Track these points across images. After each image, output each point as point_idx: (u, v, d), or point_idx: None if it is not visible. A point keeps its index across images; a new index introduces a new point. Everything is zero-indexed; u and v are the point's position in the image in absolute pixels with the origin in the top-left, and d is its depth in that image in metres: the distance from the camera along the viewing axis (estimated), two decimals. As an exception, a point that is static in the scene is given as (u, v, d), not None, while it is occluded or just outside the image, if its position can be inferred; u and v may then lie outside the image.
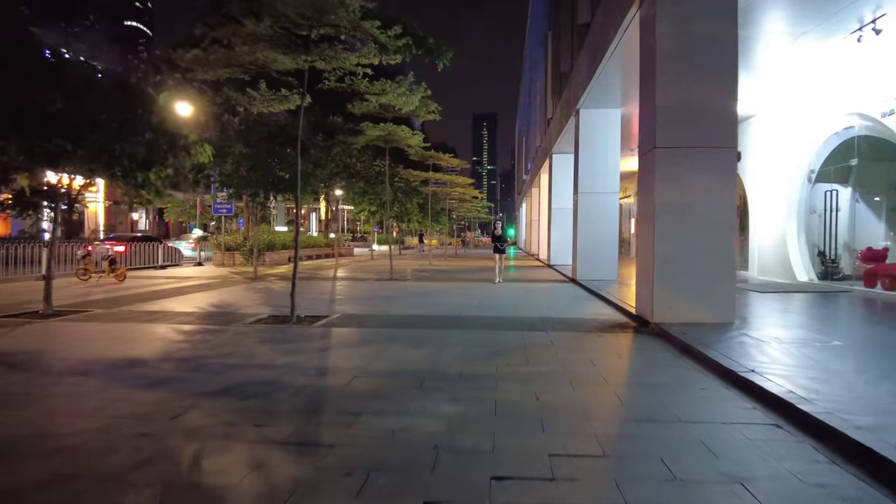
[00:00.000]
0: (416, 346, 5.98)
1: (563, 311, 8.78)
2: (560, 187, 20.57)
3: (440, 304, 9.41)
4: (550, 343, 6.12)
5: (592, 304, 9.62)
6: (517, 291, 11.76)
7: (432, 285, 13.03)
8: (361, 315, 8.18)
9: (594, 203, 13.79)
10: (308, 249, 27.72)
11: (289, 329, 7.06)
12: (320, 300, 9.99)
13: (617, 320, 7.83)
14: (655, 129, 7.07)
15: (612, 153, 13.88)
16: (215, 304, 9.53)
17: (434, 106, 14.07)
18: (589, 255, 13.77)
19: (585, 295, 11.11)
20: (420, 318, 7.93)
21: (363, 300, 10.08)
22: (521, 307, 9.08)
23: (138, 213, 52.35)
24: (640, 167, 7.76)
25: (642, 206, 7.70)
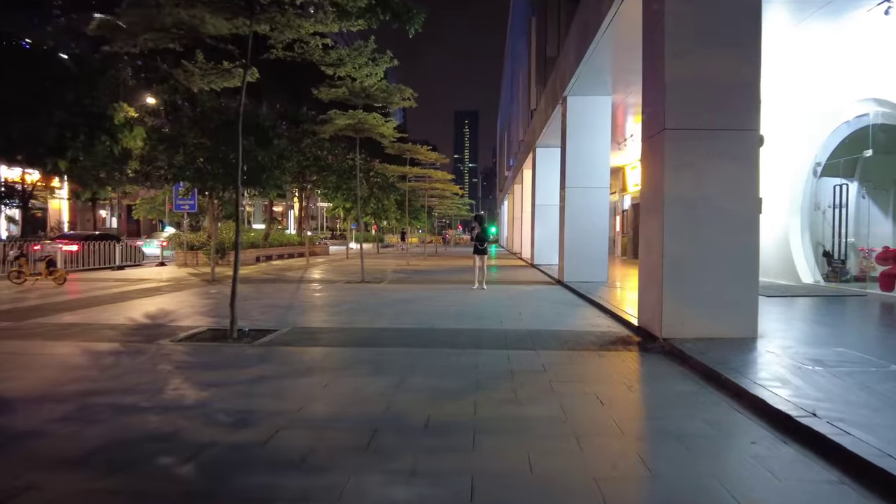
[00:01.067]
0: (376, 373, 4.76)
1: (554, 321, 7.63)
2: (544, 183, 19.50)
3: (412, 313, 8.20)
4: (542, 367, 4.95)
5: (585, 312, 8.51)
6: (500, 296, 10.60)
7: (407, 289, 11.81)
8: (317, 329, 6.92)
9: (582, 198, 12.70)
10: (279, 248, 26.24)
11: (222, 348, 5.79)
12: (275, 308, 8.71)
13: (616, 333, 6.70)
14: (664, 107, 5.94)
15: (601, 144, 12.80)
16: (152, 313, 8.19)
17: (409, 92, 12.86)
18: (577, 255, 12.67)
19: (575, 300, 10.00)
20: (386, 332, 6.71)
21: (325, 308, 8.82)
22: (505, 316, 7.91)
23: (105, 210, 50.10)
24: (645, 153, 6.65)
25: (647, 199, 6.58)
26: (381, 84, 12.75)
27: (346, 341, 6.15)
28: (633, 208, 24.98)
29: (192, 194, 17.37)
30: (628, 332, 6.73)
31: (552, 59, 15.14)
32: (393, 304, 9.17)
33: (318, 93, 12.94)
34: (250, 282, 13.52)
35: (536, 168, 19.66)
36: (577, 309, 8.87)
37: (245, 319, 7.48)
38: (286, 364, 5.13)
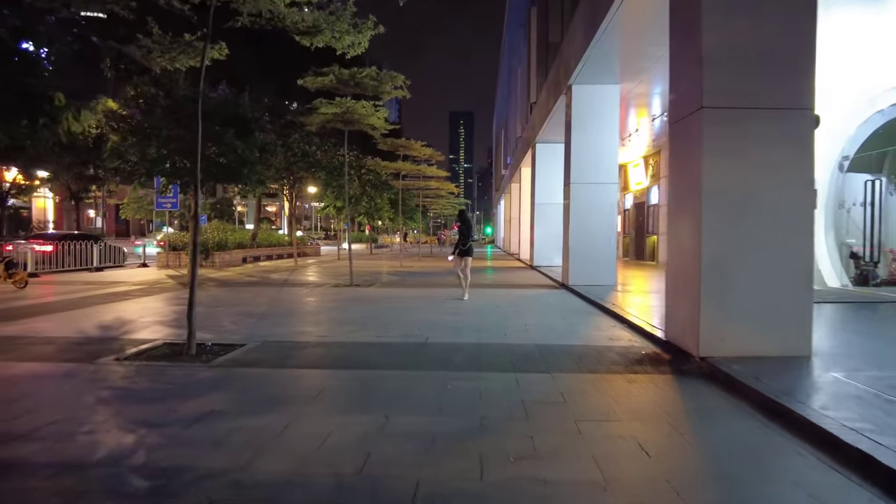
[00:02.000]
0: (352, 409, 3.78)
1: (565, 333, 6.66)
2: (544, 180, 18.58)
3: (403, 323, 7.21)
4: (561, 397, 3.98)
5: (599, 322, 7.55)
6: (501, 301, 9.64)
7: (398, 293, 10.82)
8: (291, 343, 5.93)
9: (589, 195, 11.75)
10: (268, 249, 25.18)
11: (172, 370, 4.79)
12: (250, 317, 7.71)
13: (641, 349, 5.74)
14: (702, 82, 5.00)
15: (609, 137, 11.86)
16: (107, 323, 7.18)
17: (401, 79, 11.90)
18: (583, 256, 11.72)
19: (585, 307, 9.04)
20: (372, 347, 5.72)
21: (305, 317, 7.83)
22: (508, 327, 6.93)
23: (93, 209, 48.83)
24: (676, 138, 5.70)
25: (678, 193, 5.64)
26: (371, 71, 11.80)
27: (323, 360, 5.17)
28: (636, 207, 24.11)
29: (173, 192, 16.39)
30: (654, 348, 5.78)
31: (555, 45, 14.19)
32: (382, 312, 8.19)
33: (304, 81, 11.97)
34: (230, 285, 12.51)
35: (536, 165, 18.72)
36: (589, 318, 7.91)
37: (212, 330, 6.50)
38: (243, 393, 4.14)
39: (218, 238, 20.15)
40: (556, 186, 18.66)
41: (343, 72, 11.73)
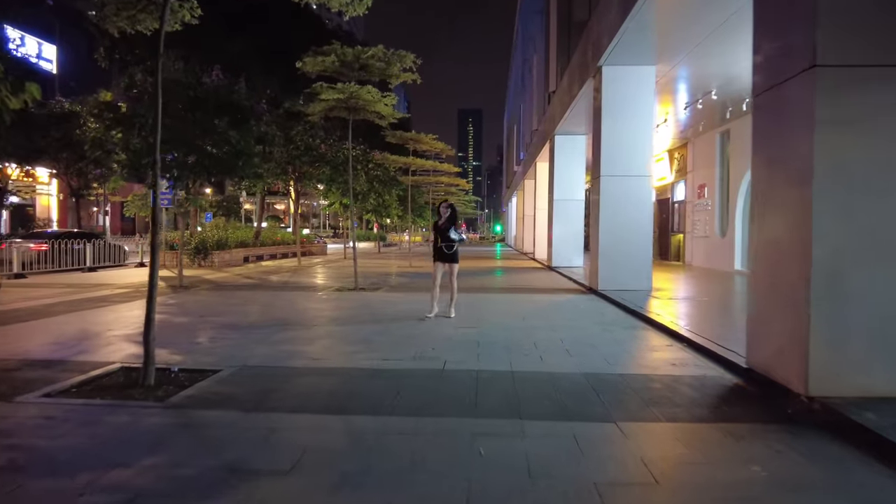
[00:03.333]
0: (338, 495, 2.59)
1: (614, 354, 5.42)
2: (563, 175, 17.33)
3: (415, 340, 6.01)
4: (650, 476, 2.74)
5: (648, 338, 6.31)
6: (525, 310, 8.42)
7: (409, 299, 9.61)
8: (275, 369, 4.74)
9: (621, 189, 10.48)
10: (272, 248, 24.14)
11: (115, 411, 3.63)
12: (234, 329, 6.54)
13: (719, 380, 4.50)
14: (815, 33, 3.75)
15: (644, 124, 10.59)
16: (65, 338, 6.05)
17: (410, 59, 10.71)
18: (614, 257, 10.46)
19: (624, 317, 7.79)
20: (374, 379, 4.50)
21: (298, 330, 6.63)
22: (543, 345, 5.71)
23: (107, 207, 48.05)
24: (764, 110, 4.47)
25: (769, 179, 4.40)
26: (378, 50, 10.60)
27: (312, 399, 3.96)
28: (659, 204, 22.73)
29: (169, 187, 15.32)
30: (734, 378, 4.53)
31: (580, 25, 12.91)
32: (390, 324, 6.99)
33: (304, 64, 10.81)
34: (223, 288, 11.38)
35: (555, 159, 17.44)
36: (635, 332, 6.66)
37: (185, 349, 5.36)
38: (194, 457, 2.94)
39: (217, 237, 19.10)
40: (576, 182, 17.42)
41: (346, 51, 10.54)
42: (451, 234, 7.38)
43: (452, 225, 7.46)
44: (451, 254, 7.48)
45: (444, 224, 7.50)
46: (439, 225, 7.54)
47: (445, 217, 7.54)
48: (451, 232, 7.40)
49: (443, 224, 7.51)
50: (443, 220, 7.53)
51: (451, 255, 7.49)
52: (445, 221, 7.50)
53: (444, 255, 7.47)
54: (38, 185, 38.11)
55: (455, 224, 7.51)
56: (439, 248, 7.48)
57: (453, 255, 7.51)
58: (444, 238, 7.44)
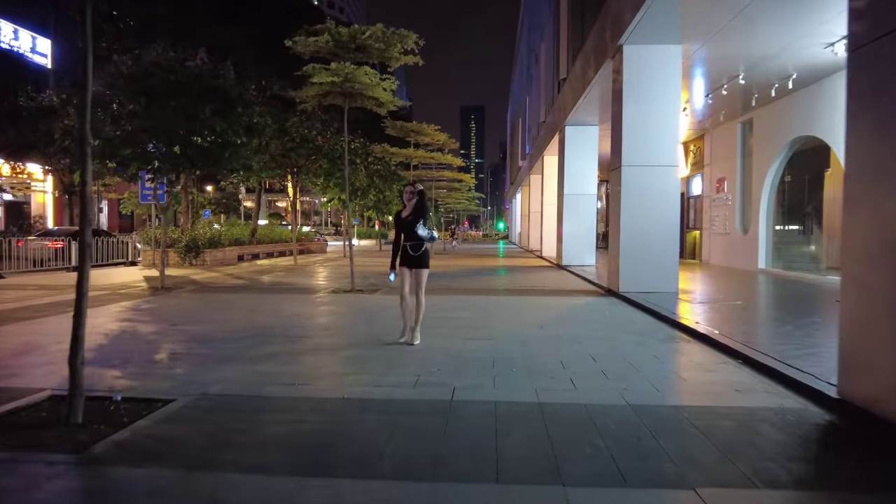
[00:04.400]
0: None
1: (662, 377, 4.43)
2: (574, 168, 16.34)
3: (411, 361, 5.03)
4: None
5: (694, 353, 5.33)
6: (542, 316, 7.45)
7: (409, 303, 8.65)
8: (241, 401, 3.76)
9: (645, 180, 9.50)
10: (269, 246, 23.23)
11: (9, 468, 2.68)
12: (206, 343, 5.59)
13: (808, 415, 3.51)
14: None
15: (670, 108, 9.60)
16: (5, 353, 5.11)
17: (412, 38, 9.75)
18: (637, 255, 9.48)
19: (657, 325, 6.81)
20: (365, 417, 3.53)
21: (280, 343, 5.67)
22: (572, 364, 4.73)
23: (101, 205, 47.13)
24: (869, 67, 3.47)
25: (877, 149, 3.40)
26: (376, 30, 9.64)
27: (282, 449, 2.99)
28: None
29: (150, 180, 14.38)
30: (821, 411, 3.54)
31: (596, 4, 11.88)
32: (387, 336, 6.02)
33: (295, 44, 9.88)
34: (208, 290, 10.44)
35: (566, 151, 16.44)
36: (675, 345, 5.68)
37: (139, 370, 4.43)
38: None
39: (209, 234, 18.17)
40: (588, 175, 16.43)
41: (341, 30, 9.61)
42: (418, 229, 5.45)
43: (421, 218, 5.51)
44: (418, 256, 5.51)
45: (409, 216, 5.54)
46: (403, 217, 5.58)
47: (411, 206, 5.58)
48: (420, 227, 5.47)
49: (408, 215, 5.54)
50: (407, 211, 5.57)
51: (418, 258, 5.52)
52: (411, 212, 5.55)
53: (410, 258, 5.52)
54: (32, 182, 37.33)
55: (424, 217, 5.55)
56: (403, 249, 5.56)
57: (421, 258, 5.54)
58: (410, 235, 5.51)
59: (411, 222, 5.50)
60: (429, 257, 5.59)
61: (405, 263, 5.55)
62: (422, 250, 5.49)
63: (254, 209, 23.64)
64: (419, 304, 5.55)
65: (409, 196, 5.63)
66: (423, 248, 5.49)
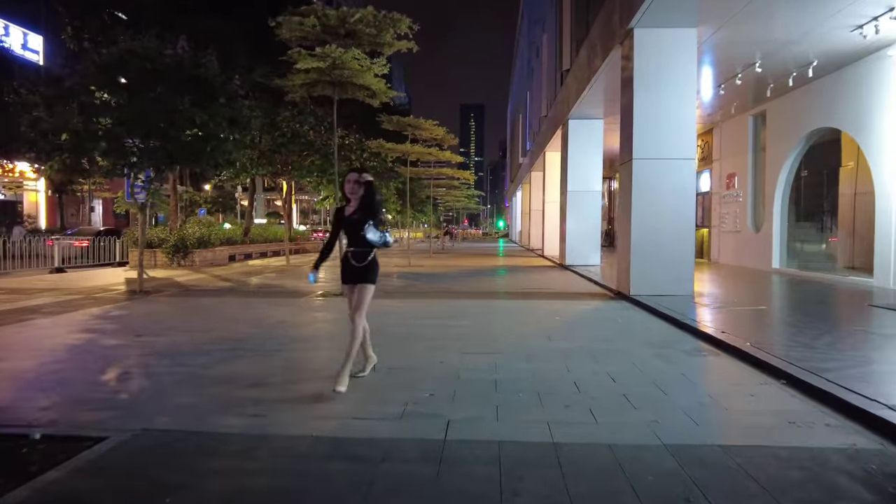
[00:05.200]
0: None
1: (697, 404, 3.70)
2: (578, 164, 15.65)
3: (399, 382, 4.35)
4: None
5: (728, 370, 4.62)
6: (547, 325, 6.75)
7: (402, 310, 7.97)
8: (181, 442, 3.03)
9: (658, 175, 8.80)
10: (262, 245, 22.56)
11: None
12: (164, 358, 4.88)
13: (883, 458, 2.82)
14: None
15: (685, 97, 8.89)
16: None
17: (406, 23, 9.05)
18: (651, 256, 8.78)
19: (678, 336, 6.10)
20: (337, 467, 2.82)
21: (249, 357, 4.96)
22: (589, 388, 4.02)
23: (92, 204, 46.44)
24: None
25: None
26: (367, 13, 8.94)
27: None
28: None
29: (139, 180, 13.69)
30: (910, 456, 2.85)
31: (602, -12, 11.17)
32: (374, 351, 5.32)
33: (280, 26, 9.19)
34: (190, 294, 9.74)
35: (569, 146, 15.74)
36: (702, 360, 4.98)
37: (77, 393, 3.74)
38: None
39: (199, 234, 17.45)
40: (592, 171, 15.74)
41: (329, 13, 8.90)
42: (367, 232, 3.97)
43: (370, 217, 4.03)
44: (362, 268, 4.03)
45: (354, 213, 4.08)
46: (346, 215, 4.12)
47: (357, 200, 4.09)
48: (369, 229, 3.98)
49: (352, 213, 4.08)
50: (352, 207, 4.11)
51: (362, 270, 4.04)
52: (357, 209, 4.08)
53: (352, 270, 4.05)
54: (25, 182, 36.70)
55: (375, 215, 4.07)
56: (344, 258, 4.10)
57: (367, 270, 4.06)
58: (355, 239, 4.06)
59: (356, 222, 4.03)
60: (377, 269, 4.16)
61: (346, 277, 4.11)
62: (368, 260, 4.05)
63: (247, 208, 22.90)
64: (353, 332, 4.03)
65: (352, 187, 4.08)
66: (369, 258, 4.07)
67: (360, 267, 4.04)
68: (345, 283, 4.14)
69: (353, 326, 4.05)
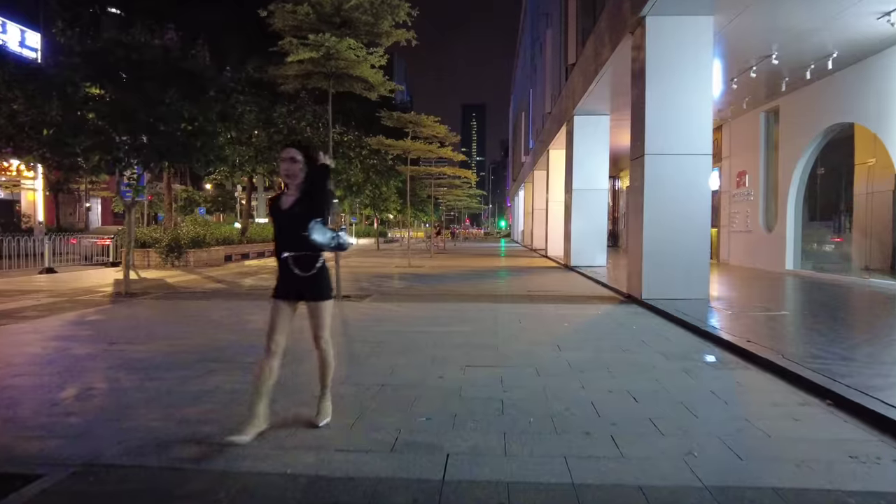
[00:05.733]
0: None
1: (735, 430, 3.19)
2: (584, 161, 15.16)
3: (391, 403, 3.86)
4: None
5: (762, 387, 4.12)
6: (556, 333, 6.27)
7: (400, 316, 7.49)
8: (132, 482, 2.53)
9: (672, 171, 8.31)
10: (260, 245, 22.10)
11: None
12: (134, 372, 4.39)
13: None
14: None
15: (701, 88, 8.40)
16: None
17: (405, 10, 8.59)
18: (665, 257, 8.29)
19: (699, 345, 5.61)
20: None
21: (226, 372, 4.47)
22: (609, 411, 3.52)
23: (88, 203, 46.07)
24: None
25: None
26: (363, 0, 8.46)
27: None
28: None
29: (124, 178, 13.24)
30: None
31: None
32: (366, 361, 4.84)
33: (272, 16, 8.70)
34: (177, 297, 9.26)
35: (575, 143, 15.23)
36: (731, 374, 4.47)
37: (26, 416, 3.26)
38: None
39: (193, 233, 16.99)
40: (598, 168, 15.25)
41: (323, 0, 8.40)
42: (312, 232, 2.99)
43: (316, 214, 3.03)
44: (309, 279, 3.11)
45: (294, 207, 3.07)
46: (284, 209, 3.09)
47: (296, 187, 3.09)
48: (315, 228, 3.00)
49: (293, 206, 3.07)
50: (291, 197, 3.11)
51: (309, 281, 3.12)
52: (299, 200, 3.08)
53: (295, 281, 3.11)
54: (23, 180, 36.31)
55: (322, 208, 3.08)
56: (282, 265, 3.12)
57: (316, 282, 3.13)
58: (293, 240, 3.06)
59: (296, 218, 2.99)
60: (329, 280, 3.19)
61: (286, 290, 3.11)
62: (315, 268, 3.07)
63: (245, 207, 22.45)
64: (324, 358, 3.26)
65: (288, 167, 3.04)
66: (318, 266, 3.08)
67: (306, 278, 3.06)
68: (281, 298, 3.10)
69: (321, 352, 3.25)
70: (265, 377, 3.09)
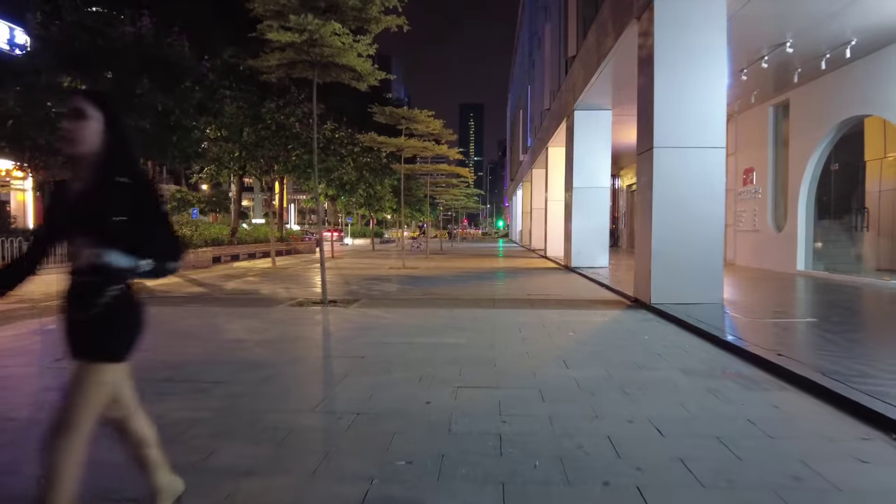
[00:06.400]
0: None
1: (791, 480, 2.58)
2: (586, 158, 14.56)
3: (368, 451, 3.22)
4: None
5: (806, 413, 3.48)
6: (561, 345, 5.64)
7: (389, 323, 6.85)
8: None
9: (682, 165, 7.69)
10: (251, 246, 21.50)
11: None
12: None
13: None
14: None
15: (714, 77, 7.78)
16: None
17: (395, -4, 7.95)
18: (675, 258, 7.67)
19: (721, 358, 4.98)
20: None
21: (184, 395, 3.83)
22: (631, 451, 2.89)
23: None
24: None
25: None
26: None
27: None
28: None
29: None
30: None
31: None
32: (345, 380, 4.20)
33: (252, 2, 8.07)
34: (153, 300, 8.59)
35: (575, 139, 14.62)
36: (765, 395, 3.84)
37: None
38: None
39: (179, 234, 16.32)
40: (600, 165, 14.64)
41: (307, -21, 7.76)
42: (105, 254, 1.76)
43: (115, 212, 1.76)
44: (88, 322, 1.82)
45: (85, 199, 1.79)
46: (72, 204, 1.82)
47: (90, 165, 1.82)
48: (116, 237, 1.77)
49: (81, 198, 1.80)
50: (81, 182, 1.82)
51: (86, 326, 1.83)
52: (82, 196, 1.79)
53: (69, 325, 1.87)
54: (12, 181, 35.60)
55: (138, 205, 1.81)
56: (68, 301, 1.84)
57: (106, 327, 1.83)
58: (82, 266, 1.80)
59: (86, 218, 1.78)
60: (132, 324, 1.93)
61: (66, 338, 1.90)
62: (101, 302, 1.81)
63: (234, 208, 21.79)
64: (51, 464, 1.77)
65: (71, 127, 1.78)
66: (107, 296, 1.81)
67: (83, 321, 1.83)
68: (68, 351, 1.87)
69: (50, 457, 1.77)
70: (142, 443, 2.10)
